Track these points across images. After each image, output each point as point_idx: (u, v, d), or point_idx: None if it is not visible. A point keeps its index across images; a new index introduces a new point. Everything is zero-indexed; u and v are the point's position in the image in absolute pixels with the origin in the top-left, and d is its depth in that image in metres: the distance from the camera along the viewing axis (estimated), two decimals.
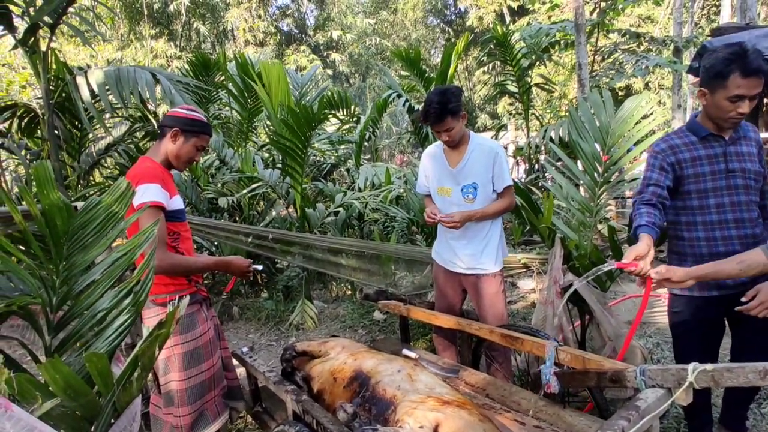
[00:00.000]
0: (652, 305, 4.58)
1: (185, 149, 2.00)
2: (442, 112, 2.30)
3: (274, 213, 5.13)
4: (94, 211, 1.43)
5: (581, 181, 2.89)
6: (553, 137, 6.88)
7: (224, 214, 5.31)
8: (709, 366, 1.40)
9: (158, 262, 1.76)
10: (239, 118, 6.74)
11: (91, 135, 4.62)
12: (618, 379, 1.63)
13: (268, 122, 6.75)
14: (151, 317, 1.92)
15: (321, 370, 1.86)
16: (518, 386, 2.18)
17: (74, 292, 1.39)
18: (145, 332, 1.18)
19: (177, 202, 1.97)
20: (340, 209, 5.21)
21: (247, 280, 5.47)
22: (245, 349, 2.28)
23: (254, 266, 2.10)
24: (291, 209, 5.58)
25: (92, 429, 1.16)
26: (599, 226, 3.49)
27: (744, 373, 1.33)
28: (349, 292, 5.37)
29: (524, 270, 4.69)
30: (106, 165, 5.80)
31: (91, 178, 5.33)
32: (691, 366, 1.43)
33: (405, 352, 2.63)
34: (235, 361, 2.27)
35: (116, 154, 5.03)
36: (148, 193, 1.80)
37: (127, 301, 1.37)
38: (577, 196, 2.74)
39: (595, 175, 2.76)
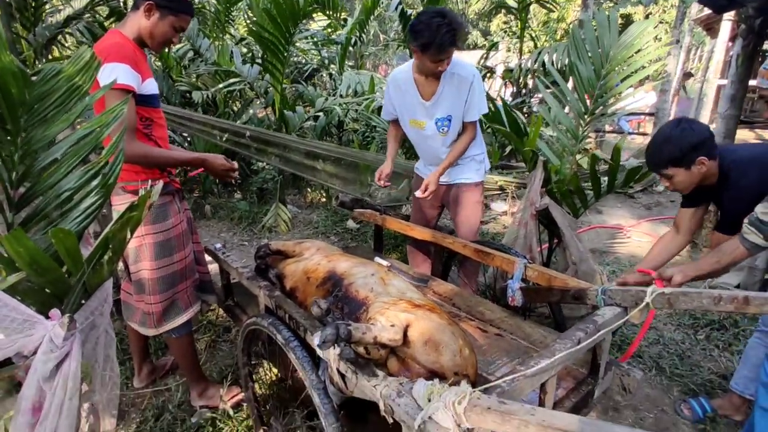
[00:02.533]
0: (613, 236, 4.79)
1: (161, 28, 1.80)
2: (453, 42, 2.06)
3: (251, 112, 4.90)
4: (54, 81, 1.30)
5: (571, 107, 2.83)
6: (546, 61, 6.64)
7: (198, 109, 5.04)
8: (667, 289, 1.48)
9: (127, 151, 1.66)
10: (216, 4, 6.17)
11: (48, 5, 4.16)
12: (580, 296, 1.72)
13: (249, 12, 6.21)
14: (122, 204, 1.85)
15: (294, 269, 1.88)
16: (483, 298, 2.28)
17: (35, 169, 1.30)
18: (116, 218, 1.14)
19: (150, 86, 1.82)
20: (321, 114, 5.02)
21: (222, 181, 5.37)
22: (218, 245, 2.27)
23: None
24: (269, 110, 5.34)
25: (63, 307, 1.15)
26: (577, 156, 3.50)
27: (699, 298, 1.41)
28: (324, 200, 5.37)
29: (499, 192, 4.76)
30: (66, 44, 5.30)
31: (50, 57, 4.89)
32: (650, 288, 1.51)
33: (377, 260, 2.69)
34: (207, 257, 2.27)
35: (78, 32, 4.58)
36: (115, 73, 1.63)
37: (95, 183, 1.30)
38: (566, 120, 2.69)
39: (587, 101, 2.70)
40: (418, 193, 2.42)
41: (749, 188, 1.78)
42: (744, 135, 8.97)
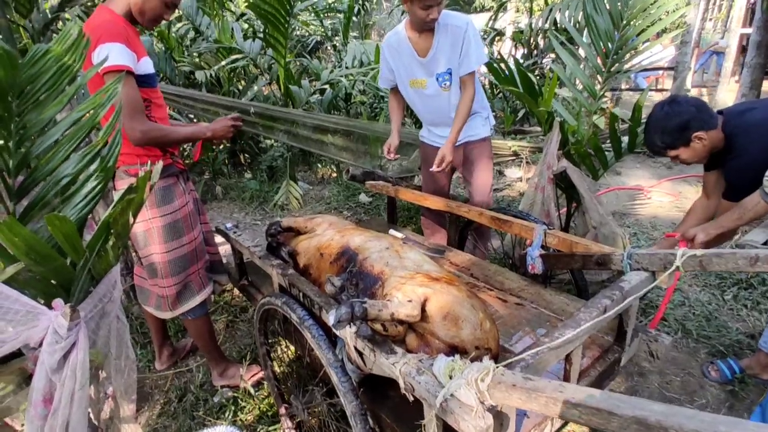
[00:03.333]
0: (633, 197, 4.66)
1: (151, 3, 1.71)
2: None
3: (255, 89, 4.80)
4: (43, 62, 1.24)
5: (587, 63, 2.68)
6: (558, 19, 6.35)
7: (202, 89, 4.95)
8: (698, 251, 1.39)
9: (141, 135, 1.63)
10: None
11: None
12: (604, 261, 1.65)
13: None
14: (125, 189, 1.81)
15: (307, 245, 1.84)
16: (501, 266, 2.22)
17: (33, 155, 1.26)
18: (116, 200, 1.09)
19: (146, 65, 1.74)
20: (327, 87, 4.90)
21: (230, 142, 5.30)
22: (229, 225, 2.23)
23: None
24: (274, 86, 5.23)
25: (69, 296, 1.12)
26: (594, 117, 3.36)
27: (734, 259, 1.33)
28: (335, 175, 5.30)
29: (513, 158, 4.63)
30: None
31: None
32: (680, 250, 1.43)
33: (392, 232, 2.63)
34: (218, 238, 2.24)
35: (76, 17, 4.48)
36: (111, 55, 1.56)
37: (94, 167, 1.25)
38: (582, 78, 2.55)
39: (605, 56, 2.54)
40: (434, 168, 2.33)
41: (754, 156, 1.70)
42: (766, 86, 8.57)
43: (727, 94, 7.13)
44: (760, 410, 1.70)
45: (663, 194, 4.61)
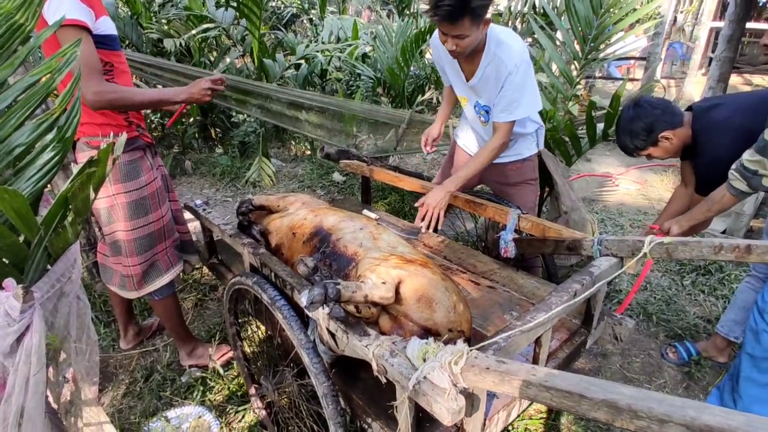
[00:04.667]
0: (601, 184, 4.77)
1: None
2: (461, 10, 1.57)
3: (228, 60, 4.62)
4: None
5: (565, 49, 2.69)
6: (537, 3, 6.34)
7: (171, 58, 4.73)
8: (665, 239, 1.43)
9: (94, 96, 1.51)
10: None
11: None
12: (575, 247, 1.67)
13: None
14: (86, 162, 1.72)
15: (279, 224, 1.79)
16: (474, 249, 2.24)
17: None
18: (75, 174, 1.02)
19: (106, 25, 1.63)
20: (302, 62, 4.76)
21: (201, 115, 5.12)
22: (198, 202, 2.16)
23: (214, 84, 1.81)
24: (248, 59, 5.05)
25: (23, 275, 1.06)
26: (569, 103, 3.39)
27: (699, 247, 1.37)
28: (309, 152, 5.21)
29: None
30: None
31: None
32: (648, 238, 1.46)
33: (365, 212, 2.61)
34: (188, 215, 2.16)
35: None
36: (63, 7, 1.45)
37: (50, 136, 1.17)
38: (561, 63, 2.56)
39: (584, 43, 2.55)
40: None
41: (717, 153, 1.76)
42: (732, 80, 8.85)
43: (694, 87, 7.33)
44: (717, 393, 1.78)
45: (630, 182, 4.74)
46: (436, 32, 1.86)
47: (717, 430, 0.58)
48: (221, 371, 2.05)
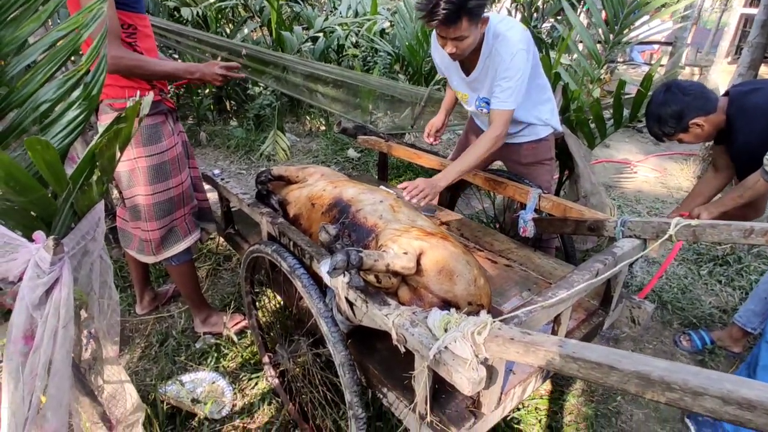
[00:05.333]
0: (619, 171, 4.69)
1: None
2: (457, 12, 1.55)
3: (245, 32, 4.56)
4: None
5: (594, 27, 2.61)
6: None
7: (188, 27, 4.68)
8: (693, 221, 1.40)
9: (111, 60, 1.49)
10: None
11: None
12: (597, 227, 1.65)
13: None
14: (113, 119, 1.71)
15: (298, 195, 1.79)
16: (492, 228, 2.22)
17: (8, 76, 1.16)
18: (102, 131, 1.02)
19: None
20: (320, 35, 4.69)
21: (217, 88, 5.10)
22: (217, 171, 2.16)
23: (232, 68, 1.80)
24: (264, 31, 4.99)
25: (50, 231, 1.06)
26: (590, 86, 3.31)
27: (728, 230, 1.34)
28: (323, 128, 5.17)
29: None
30: None
31: None
32: (674, 219, 1.43)
33: (381, 188, 2.59)
34: (206, 185, 2.17)
35: None
36: None
37: (76, 94, 1.16)
38: (589, 43, 2.48)
39: (614, 23, 2.47)
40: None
41: (753, 137, 1.71)
42: (761, 70, 8.59)
43: (719, 75, 7.12)
44: None
45: (649, 170, 4.66)
46: (435, 34, 1.79)
47: (756, 403, 0.57)
48: (235, 339, 2.08)
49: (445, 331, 1.02)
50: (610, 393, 1.96)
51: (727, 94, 1.85)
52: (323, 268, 1.24)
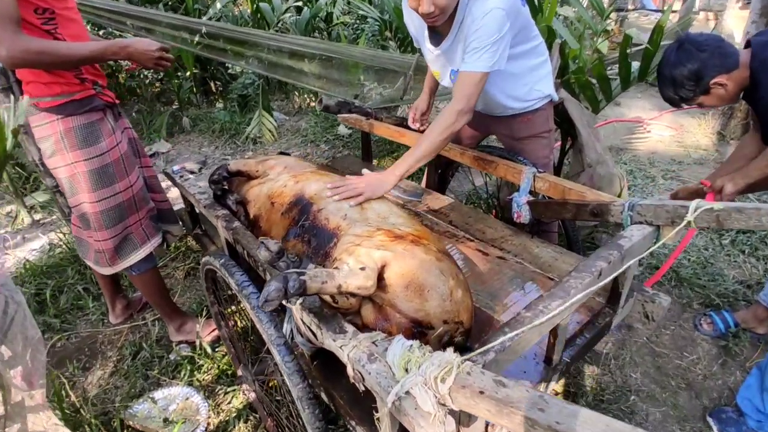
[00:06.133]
0: (631, 131, 4.37)
1: None
2: None
3: (219, 6, 4.26)
4: None
5: None
6: None
7: (159, 6, 4.39)
8: (716, 204, 1.16)
9: (7, 52, 1.26)
10: None
11: None
12: (601, 212, 1.42)
13: None
14: (39, 126, 1.51)
15: (258, 192, 1.58)
16: (483, 212, 2.00)
17: None
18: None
19: None
20: (303, 5, 4.36)
21: (155, 70, 4.86)
22: (176, 168, 1.96)
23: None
24: (245, 6, 4.67)
25: None
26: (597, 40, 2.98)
27: (758, 215, 1.10)
28: (313, 104, 4.91)
29: None
30: None
31: None
32: (693, 203, 1.19)
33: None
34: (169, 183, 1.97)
35: None
36: None
37: None
38: None
39: None
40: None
41: None
42: None
43: (734, 21, 6.58)
44: (759, 373, 1.56)
45: (664, 127, 4.32)
46: None
47: None
48: (209, 349, 1.92)
49: (407, 371, 0.83)
50: (623, 391, 1.77)
51: (748, 45, 1.56)
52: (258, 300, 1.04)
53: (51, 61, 1.37)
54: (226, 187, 1.63)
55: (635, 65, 2.07)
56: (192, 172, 3.51)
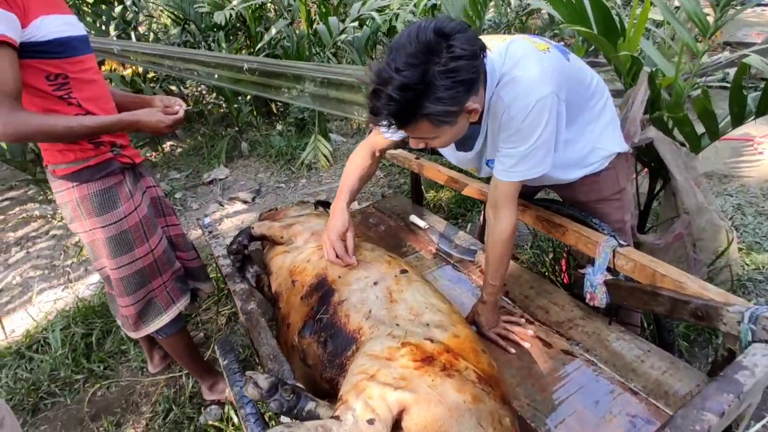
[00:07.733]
0: (737, 152, 3.71)
1: None
2: (409, 116, 1.00)
3: (273, 32, 4.21)
4: None
5: None
6: None
7: (220, 32, 4.44)
8: None
9: (2, 128, 1.17)
10: None
11: None
12: (707, 316, 1.07)
13: None
14: (57, 192, 1.44)
15: (281, 264, 1.40)
16: (549, 282, 1.67)
17: None
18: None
19: (52, 25, 1.26)
20: (364, 25, 4.20)
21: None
22: (207, 220, 1.84)
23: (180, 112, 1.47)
24: (301, 22, 4.61)
25: None
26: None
27: None
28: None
29: None
30: None
31: None
32: None
33: (413, 219, 2.13)
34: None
35: None
36: None
37: None
38: (689, 3, 1.75)
39: None
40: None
41: None
42: None
43: None
44: None
45: None
46: None
47: None
48: (235, 418, 1.77)
49: None
50: None
51: None
52: None
53: (48, 139, 1.29)
54: (247, 252, 1.47)
55: (754, 96, 1.63)
56: (245, 202, 3.43)
